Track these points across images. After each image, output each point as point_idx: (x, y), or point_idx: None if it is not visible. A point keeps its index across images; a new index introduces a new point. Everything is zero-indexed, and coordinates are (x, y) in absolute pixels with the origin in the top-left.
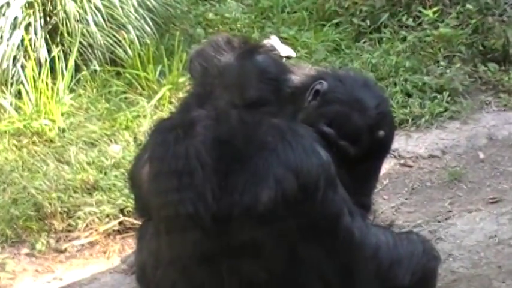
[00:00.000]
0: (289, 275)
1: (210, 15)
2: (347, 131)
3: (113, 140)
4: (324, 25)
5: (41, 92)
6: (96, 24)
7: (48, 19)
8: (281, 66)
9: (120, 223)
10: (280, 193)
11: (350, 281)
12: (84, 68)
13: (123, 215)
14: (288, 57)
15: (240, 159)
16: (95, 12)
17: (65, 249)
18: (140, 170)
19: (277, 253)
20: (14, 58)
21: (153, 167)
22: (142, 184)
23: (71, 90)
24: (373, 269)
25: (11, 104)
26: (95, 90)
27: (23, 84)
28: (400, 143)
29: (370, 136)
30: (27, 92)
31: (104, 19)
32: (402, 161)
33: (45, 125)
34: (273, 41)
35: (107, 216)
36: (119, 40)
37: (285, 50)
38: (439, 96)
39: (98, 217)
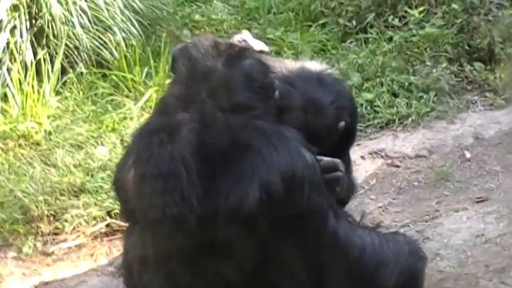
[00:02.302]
0: (272, 277)
1: (197, 17)
2: (310, 133)
3: (99, 142)
4: (310, 26)
5: (27, 95)
6: (82, 26)
7: (33, 22)
8: (266, 69)
9: (107, 225)
10: (265, 196)
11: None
12: (71, 70)
13: (111, 217)
14: (261, 52)
15: (225, 163)
16: (80, 15)
17: (52, 252)
18: (125, 174)
19: (260, 255)
20: (0, 61)
21: (138, 171)
22: (127, 189)
23: (57, 93)
24: (359, 270)
25: None
26: (81, 93)
27: (9, 87)
28: (387, 143)
29: (330, 133)
30: (13, 95)
31: (89, 21)
32: (389, 161)
33: (32, 127)
34: (245, 36)
35: (94, 218)
36: (105, 42)
37: (257, 45)
38: (425, 96)
39: (85, 220)
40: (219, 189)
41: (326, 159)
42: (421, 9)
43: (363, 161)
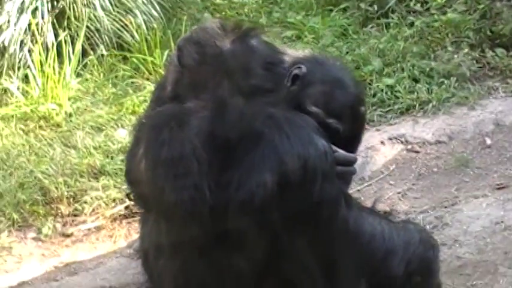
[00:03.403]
0: (284, 269)
1: (218, 0)
2: (333, 108)
3: (119, 125)
4: (331, 10)
5: (47, 77)
6: (103, 8)
7: (55, 3)
8: (274, 48)
9: (126, 208)
10: (277, 187)
11: (335, 274)
12: (91, 52)
13: (130, 199)
14: None
15: (236, 153)
16: None
17: (72, 234)
18: (137, 166)
19: (272, 244)
20: (21, 42)
21: (149, 161)
22: (139, 179)
23: (78, 75)
24: (368, 258)
25: (18, 88)
26: (101, 75)
27: (30, 69)
28: (406, 128)
29: (353, 112)
30: (34, 77)
31: (111, 3)
32: (409, 147)
33: (52, 109)
34: None
35: (113, 200)
36: (126, 25)
37: None
38: (446, 81)
39: (104, 202)
40: (230, 180)
41: (342, 152)
42: None
43: (383, 146)
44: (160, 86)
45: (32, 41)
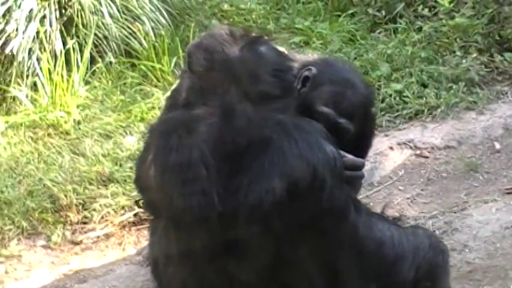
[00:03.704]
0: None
1: (225, 6)
2: (344, 108)
3: (128, 132)
4: (339, 16)
5: (56, 84)
6: (111, 16)
7: (63, 11)
8: (283, 55)
9: (135, 215)
10: (286, 192)
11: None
12: (99, 59)
13: (139, 206)
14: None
15: (245, 159)
16: (109, 4)
17: (81, 241)
18: (146, 172)
19: (281, 250)
20: (30, 50)
21: (158, 169)
22: (149, 186)
23: (86, 82)
24: (377, 264)
25: (26, 96)
26: (110, 82)
27: (39, 77)
28: (415, 133)
29: (364, 112)
30: (42, 84)
31: (118, 11)
32: (418, 152)
33: (61, 117)
34: None
35: (122, 208)
36: (134, 32)
37: None
38: (454, 86)
39: (113, 209)
40: (239, 186)
41: (350, 156)
42: None
43: (392, 152)
44: (175, 92)
45: (40, 49)
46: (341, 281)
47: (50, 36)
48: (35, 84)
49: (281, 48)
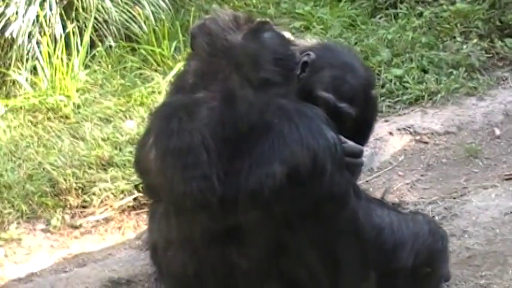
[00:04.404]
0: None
1: None
2: (344, 92)
3: (127, 116)
4: (339, 1)
5: (56, 68)
6: (111, 0)
7: None
8: (287, 42)
9: (135, 199)
10: (286, 177)
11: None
12: (99, 44)
13: (138, 191)
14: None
15: (245, 143)
16: None
17: (80, 225)
18: (146, 155)
19: (282, 234)
20: (29, 34)
21: (159, 150)
22: (149, 169)
23: (86, 66)
24: (377, 249)
25: (26, 80)
26: (110, 66)
27: (38, 60)
28: (415, 119)
29: (364, 96)
30: (42, 68)
31: None
32: (418, 137)
33: (61, 101)
34: None
35: (122, 192)
36: (134, 16)
37: None
38: (455, 72)
39: (112, 193)
40: (240, 170)
41: (350, 143)
42: None
43: (391, 137)
44: (181, 75)
45: (40, 33)
46: (341, 268)
47: (49, 19)
48: (34, 68)
49: (286, 34)
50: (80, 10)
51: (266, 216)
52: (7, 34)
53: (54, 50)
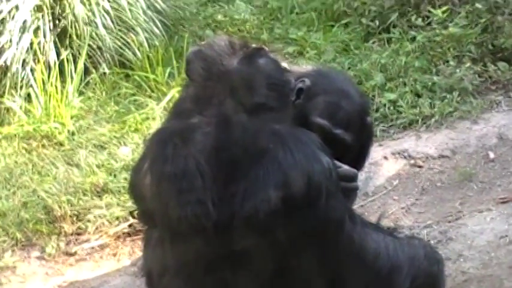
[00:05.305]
0: (289, 282)
1: (219, 17)
2: (339, 118)
3: (122, 143)
4: (333, 26)
5: (50, 95)
6: (105, 26)
7: (57, 22)
8: (282, 68)
9: (130, 225)
10: (281, 202)
11: None
12: (94, 70)
13: (133, 217)
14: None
15: (240, 168)
16: (103, 15)
17: (75, 252)
18: (141, 180)
19: (277, 260)
20: (24, 61)
21: (154, 176)
22: (144, 195)
23: (80, 93)
24: (373, 275)
25: (20, 108)
26: (104, 93)
27: (33, 88)
28: (410, 143)
29: (360, 122)
30: (36, 95)
31: (112, 21)
32: (412, 161)
33: (55, 128)
34: None
35: (117, 218)
36: (128, 42)
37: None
38: (448, 96)
39: (107, 220)
40: (234, 196)
41: (345, 167)
42: (444, 8)
43: (386, 161)
44: (179, 101)
45: (34, 60)
46: None
47: (43, 47)
48: (28, 95)
49: (283, 63)
50: (74, 37)
51: (261, 241)
52: (1, 62)
53: (48, 77)
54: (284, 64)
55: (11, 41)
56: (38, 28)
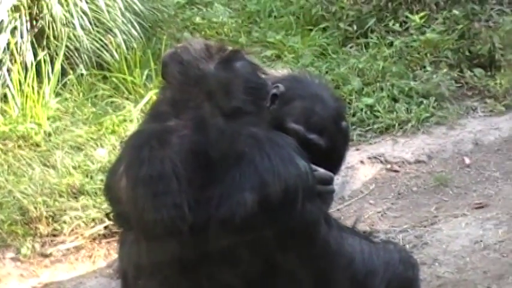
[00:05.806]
0: (265, 284)
1: (197, 19)
2: (313, 123)
3: (99, 144)
4: (311, 30)
5: (27, 96)
6: (82, 28)
7: (34, 23)
8: (258, 71)
9: (105, 227)
10: (257, 205)
11: None
12: (71, 71)
13: (109, 219)
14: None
15: (216, 171)
16: (81, 16)
17: (51, 254)
18: (117, 183)
19: (254, 262)
20: (0, 61)
21: (129, 178)
22: (119, 197)
23: (57, 94)
24: (348, 279)
25: None
26: (81, 94)
27: (9, 88)
28: (386, 148)
29: (335, 127)
30: (13, 96)
31: (90, 23)
32: (388, 166)
33: (31, 128)
34: None
35: (93, 220)
36: (106, 44)
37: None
38: (425, 101)
39: (83, 221)
40: (210, 199)
41: (321, 170)
42: (421, 14)
43: (362, 166)
44: (155, 104)
45: (11, 61)
46: None
47: (20, 47)
48: (5, 95)
49: (260, 66)
50: (51, 38)
51: (237, 244)
52: None
53: (25, 77)
54: (261, 67)
55: None
56: (15, 28)
